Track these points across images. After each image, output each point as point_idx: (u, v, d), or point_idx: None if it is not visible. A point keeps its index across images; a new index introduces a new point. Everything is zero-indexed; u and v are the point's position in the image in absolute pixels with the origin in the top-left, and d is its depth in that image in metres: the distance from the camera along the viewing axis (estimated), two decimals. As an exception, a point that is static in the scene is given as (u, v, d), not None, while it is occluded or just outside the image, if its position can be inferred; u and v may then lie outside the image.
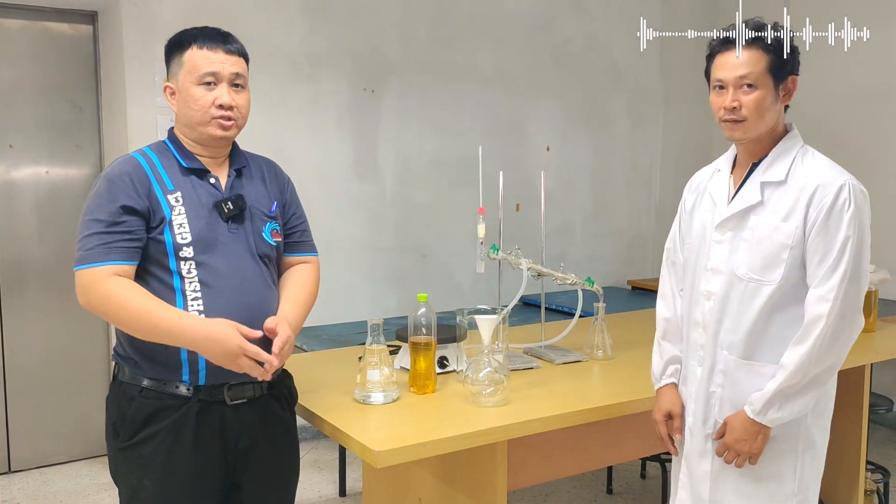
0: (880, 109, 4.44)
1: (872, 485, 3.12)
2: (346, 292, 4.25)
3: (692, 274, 1.95)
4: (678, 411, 1.97)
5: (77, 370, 3.81)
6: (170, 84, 1.83)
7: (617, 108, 5.24)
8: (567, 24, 4.96)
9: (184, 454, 1.74)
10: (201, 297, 1.74)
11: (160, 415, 1.74)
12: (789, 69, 1.79)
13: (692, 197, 2.01)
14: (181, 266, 1.74)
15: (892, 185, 4.38)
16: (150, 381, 1.75)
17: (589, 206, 5.15)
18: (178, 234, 1.74)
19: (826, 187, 1.74)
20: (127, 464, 1.78)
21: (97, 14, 3.79)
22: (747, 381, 1.82)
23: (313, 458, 4.01)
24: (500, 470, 2.00)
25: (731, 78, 1.77)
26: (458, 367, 2.35)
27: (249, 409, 1.81)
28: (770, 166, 1.82)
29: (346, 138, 4.26)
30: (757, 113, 1.76)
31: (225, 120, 1.79)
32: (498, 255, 2.49)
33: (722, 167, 1.95)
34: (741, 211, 1.84)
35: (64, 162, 3.80)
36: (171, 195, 1.76)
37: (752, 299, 1.80)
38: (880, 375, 4.41)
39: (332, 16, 4.15)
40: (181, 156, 1.82)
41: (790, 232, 1.76)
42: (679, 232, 2.04)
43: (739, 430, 1.79)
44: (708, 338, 1.88)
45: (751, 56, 1.76)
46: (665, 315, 2.04)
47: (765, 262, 1.78)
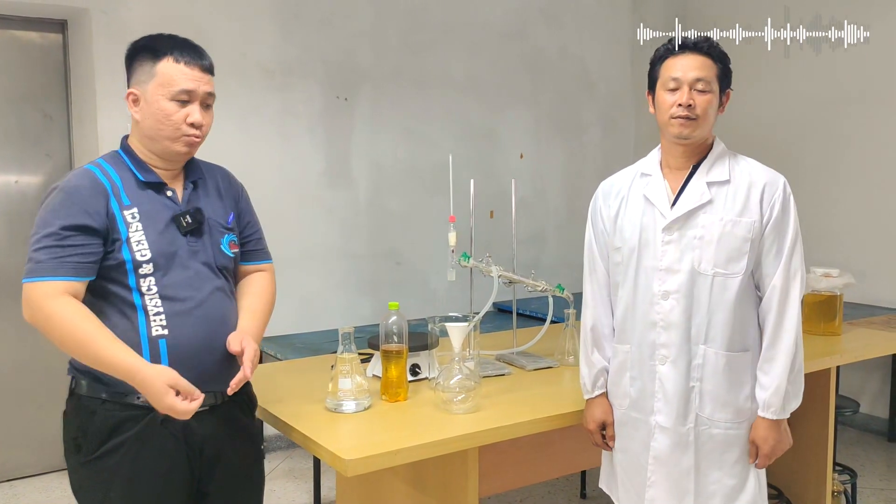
0: (841, 112, 4.53)
1: (840, 486, 3.17)
2: (319, 300, 4.25)
3: (634, 276, 1.98)
4: (611, 420, 2.07)
5: (46, 381, 3.75)
6: (134, 91, 1.77)
7: (589, 116, 5.29)
8: (539, 33, 5.00)
9: (149, 464, 1.73)
10: (163, 312, 1.72)
11: (124, 426, 1.72)
12: (728, 82, 1.94)
13: (614, 203, 2.05)
14: (141, 283, 1.71)
15: (854, 190, 4.46)
16: (110, 393, 1.72)
17: (562, 212, 5.19)
18: (136, 252, 1.71)
19: (773, 185, 1.91)
20: (91, 478, 1.75)
21: (67, 23, 3.76)
22: (727, 371, 1.91)
23: (288, 467, 4.00)
24: (471, 476, 2.01)
25: (687, 78, 1.88)
26: (429, 375, 2.36)
27: (212, 417, 1.80)
28: (712, 167, 1.94)
29: (318, 146, 4.26)
30: (705, 114, 1.89)
31: (194, 138, 1.78)
32: (469, 263, 2.50)
33: (650, 171, 2.01)
34: (690, 211, 1.91)
35: (33, 171, 3.77)
36: (128, 211, 1.73)
37: (723, 293, 1.89)
38: (846, 378, 4.49)
39: (304, 24, 4.16)
40: (137, 169, 1.78)
41: (749, 226, 1.88)
42: (596, 240, 2.09)
43: (772, 436, 1.90)
44: (675, 335, 1.92)
45: (703, 62, 1.89)
46: (590, 324, 2.09)
47: (729, 256, 1.88)
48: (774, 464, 1.96)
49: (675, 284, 1.92)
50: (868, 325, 3.59)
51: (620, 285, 2.03)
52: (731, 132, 2.05)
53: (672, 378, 1.94)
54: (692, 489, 1.94)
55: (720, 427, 1.92)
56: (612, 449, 2.09)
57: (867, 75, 4.38)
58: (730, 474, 1.94)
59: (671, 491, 1.96)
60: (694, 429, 1.93)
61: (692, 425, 1.93)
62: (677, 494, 1.96)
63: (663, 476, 1.97)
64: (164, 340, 1.72)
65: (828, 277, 3.12)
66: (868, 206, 4.42)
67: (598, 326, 2.09)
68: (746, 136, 3.15)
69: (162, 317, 1.72)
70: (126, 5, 3.66)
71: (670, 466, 1.96)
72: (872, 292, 4.29)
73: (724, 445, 1.93)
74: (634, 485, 2.03)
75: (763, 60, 4.59)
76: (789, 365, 1.87)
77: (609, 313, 2.08)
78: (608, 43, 5.33)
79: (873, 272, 4.29)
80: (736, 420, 1.93)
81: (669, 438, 1.95)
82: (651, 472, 1.99)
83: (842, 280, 3.11)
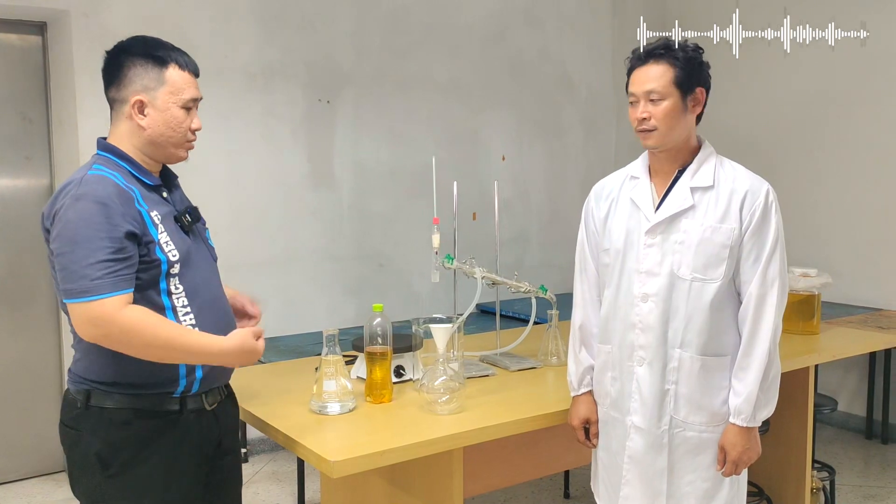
0: (820, 113, 4.59)
1: (819, 483, 3.21)
2: (303, 302, 4.25)
3: (618, 278, 2.01)
4: (595, 418, 2.10)
5: (29, 386, 3.73)
6: (142, 97, 1.75)
7: (570, 118, 5.32)
8: (520, 36, 5.03)
9: (182, 466, 1.77)
10: (190, 310, 1.76)
11: (159, 434, 1.73)
12: (696, 81, 1.92)
13: (605, 205, 2.08)
14: (170, 283, 1.74)
15: (832, 191, 4.52)
16: (142, 402, 1.72)
17: (544, 214, 5.22)
18: (168, 252, 1.72)
19: (755, 192, 1.90)
20: (120, 491, 1.73)
21: (46, 25, 3.74)
22: (702, 375, 1.92)
23: (271, 469, 3.99)
24: (456, 477, 2.03)
25: (640, 92, 1.91)
26: (414, 376, 2.38)
27: (221, 412, 1.88)
28: (696, 172, 1.94)
29: (301, 149, 4.26)
30: (665, 122, 1.89)
31: (192, 144, 1.84)
32: (452, 265, 2.52)
33: (639, 175, 2.03)
34: (673, 215, 1.93)
35: (13, 174, 3.74)
36: (152, 214, 1.74)
37: (700, 298, 1.90)
38: (825, 376, 4.55)
39: (286, 26, 4.15)
40: (141, 174, 1.78)
41: (728, 232, 1.89)
42: (588, 241, 2.12)
43: (740, 443, 1.90)
44: (652, 338, 1.95)
45: (658, 70, 1.90)
46: (578, 322, 2.13)
47: (707, 261, 1.89)
48: (755, 461, 1.99)
49: (654, 287, 1.94)
50: (845, 324, 3.65)
51: (606, 286, 2.05)
52: (709, 134, 2.06)
53: (648, 380, 1.96)
54: (665, 490, 1.96)
55: (694, 430, 1.94)
56: (595, 447, 2.12)
57: (846, 77, 4.44)
58: (703, 477, 1.95)
59: (644, 491, 1.99)
60: (668, 431, 1.95)
61: (666, 427, 1.95)
62: (650, 494, 1.98)
63: (637, 476, 2.00)
64: None
65: (806, 277, 3.17)
66: (845, 207, 4.48)
67: (586, 325, 2.12)
68: (725, 138, 3.19)
69: (191, 316, 1.76)
70: (107, 8, 3.64)
71: (644, 466, 1.98)
72: (850, 292, 4.36)
73: (698, 448, 1.95)
74: (612, 483, 2.06)
75: (742, 61, 4.64)
76: (762, 373, 1.87)
77: (598, 313, 2.10)
78: (589, 45, 5.36)
79: (851, 272, 4.36)
80: (711, 424, 1.94)
81: (644, 439, 1.98)
82: (626, 471, 2.02)
83: (820, 280, 3.15)
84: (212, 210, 2.17)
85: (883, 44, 4.14)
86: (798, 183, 4.58)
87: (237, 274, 3.94)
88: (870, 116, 4.38)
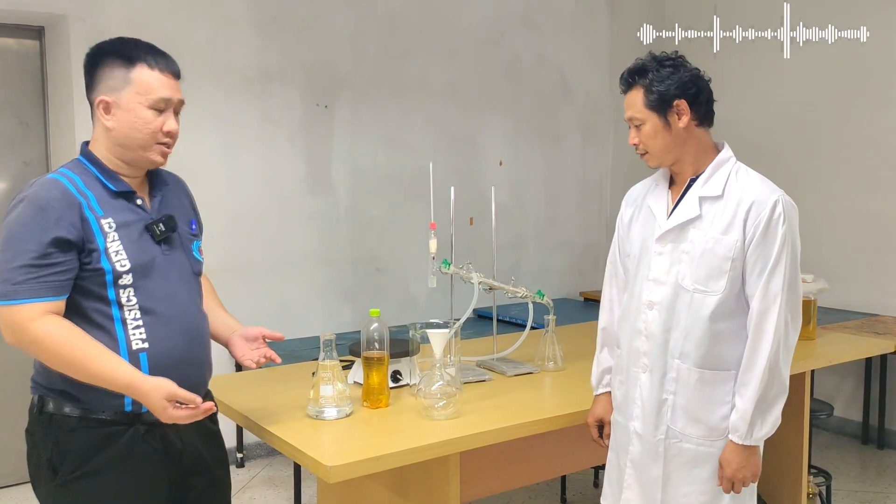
0: (816, 118, 4.59)
1: (815, 488, 3.22)
2: (300, 307, 4.25)
3: (633, 284, 2.02)
4: (609, 419, 2.12)
5: (20, 389, 3.70)
6: (106, 98, 1.71)
7: (568, 123, 5.33)
8: (517, 40, 5.04)
9: (134, 480, 1.71)
10: (143, 324, 1.69)
11: (106, 442, 1.68)
12: (674, 95, 1.85)
13: (630, 210, 2.09)
14: (120, 294, 1.67)
15: (828, 196, 4.53)
16: (88, 410, 1.68)
17: (541, 219, 5.22)
18: (116, 262, 1.66)
19: (761, 203, 1.84)
20: (71, 499, 1.70)
21: (44, 29, 3.74)
22: (700, 388, 1.89)
23: (268, 475, 3.98)
24: (452, 482, 2.03)
25: (626, 119, 1.94)
26: (411, 381, 2.37)
27: (189, 427, 1.78)
28: (707, 181, 1.91)
29: (298, 153, 4.26)
30: (652, 145, 1.91)
31: (167, 147, 1.76)
32: (449, 270, 2.52)
33: (660, 181, 2.03)
34: (681, 224, 1.92)
35: (11, 179, 3.74)
36: (104, 221, 1.67)
37: (700, 309, 1.87)
38: (821, 382, 4.56)
39: (284, 30, 4.16)
40: (106, 178, 1.72)
41: (731, 244, 1.84)
42: (618, 245, 2.13)
43: (735, 460, 1.86)
44: (654, 346, 1.94)
45: (632, 97, 1.91)
46: (602, 325, 2.16)
47: (709, 273, 1.86)
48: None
49: (659, 296, 1.94)
50: (842, 329, 3.66)
51: (625, 290, 2.07)
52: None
53: (648, 387, 1.96)
54: (660, 499, 1.95)
55: (691, 442, 1.91)
56: (607, 446, 2.14)
57: (842, 83, 4.45)
58: (700, 490, 1.92)
59: (643, 497, 1.99)
60: (664, 440, 1.94)
61: (662, 437, 1.94)
62: (647, 502, 1.98)
63: (636, 481, 2.00)
64: (144, 354, 1.69)
65: (802, 283, 3.17)
66: (842, 213, 4.49)
67: (608, 328, 2.14)
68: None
69: (142, 329, 1.69)
70: (104, 12, 3.64)
71: (642, 472, 1.99)
72: (846, 297, 4.37)
73: (695, 461, 1.92)
74: (616, 484, 2.07)
75: (737, 65, 4.66)
76: (760, 391, 1.81)
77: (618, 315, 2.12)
78: (587, 50, 5.38)
79: (847, 277, 4.37)
80: (709, 438, 1.90)
81: (642, 446, 1.98)
82: (628, 476, 2.02)
83: (816, 285, 3.15)
84: (209, 214, 2.15)
85: (881, 48, 4.15)
86: (794, 188, 4.52)
87: (234, 278, 3.97)
88: (866, 122, 4.39)
